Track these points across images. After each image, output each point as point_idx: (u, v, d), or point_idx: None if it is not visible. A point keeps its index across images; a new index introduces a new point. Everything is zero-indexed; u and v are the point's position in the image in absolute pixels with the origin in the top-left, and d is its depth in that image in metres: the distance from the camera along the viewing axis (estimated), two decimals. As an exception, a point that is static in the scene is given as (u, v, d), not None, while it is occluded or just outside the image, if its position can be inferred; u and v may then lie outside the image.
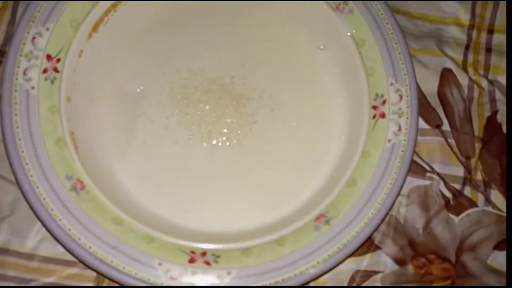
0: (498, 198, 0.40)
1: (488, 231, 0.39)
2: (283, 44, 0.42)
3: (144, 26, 0.41)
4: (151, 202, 0.36)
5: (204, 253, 0.33)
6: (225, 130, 0.39)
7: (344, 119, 0.40)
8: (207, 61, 0.41)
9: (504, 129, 0.42)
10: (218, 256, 0.33)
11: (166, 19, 0.41)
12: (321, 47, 0.42)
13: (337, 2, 0.40)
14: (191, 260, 0.33)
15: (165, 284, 0.31)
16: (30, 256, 0.35)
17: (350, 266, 0.38)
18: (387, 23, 0.40)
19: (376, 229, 0.35)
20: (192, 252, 0.33)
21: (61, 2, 0.36)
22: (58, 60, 0.36)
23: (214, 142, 0.39)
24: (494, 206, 0.40)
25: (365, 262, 0.38)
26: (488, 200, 0.40)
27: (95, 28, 0.39)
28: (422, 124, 0.42)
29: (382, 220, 0.36)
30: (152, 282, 0.31)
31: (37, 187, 0.32)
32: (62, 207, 0.32)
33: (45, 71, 0.35)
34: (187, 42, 0.41)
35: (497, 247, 0.39)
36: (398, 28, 0.40)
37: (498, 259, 0.38)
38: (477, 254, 0.39)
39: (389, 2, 0.45)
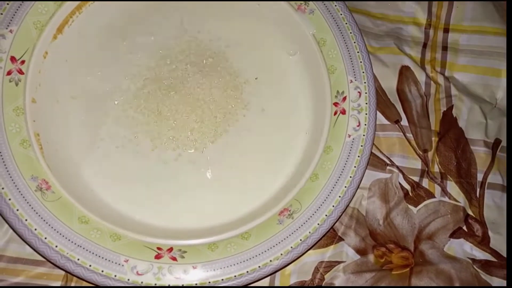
0: (453, 188, 0.42)
1: (445, 221, 0.41)
2: (255, 47, 0.43)
3: (109, 26, 0.41)
4: (117, 201, 0.37)
5: (170, 249, 0.34)
6: (192, 130, 0.40)
7: (308, 116, 0.41)
8: (174, 62, 0.41)
9: (460, 123, 0.44)
10: (185, 252, 0.34)
11: (132, 19, 0.42)
12: (291, 52, 0.43)
13: (298, 3, 0.42)
14: (158, 256, 0.34)
15: (131, 280, 0.32)
16: (-3, 257, 0.36)
17: (315, 257, 0.39)
18: (346, 23, 0.41)
19: (337, 220, 0.37)
20: (159, 249, 0.34)
21: (24, 4, 0.36)
22: (23, 62, 0.36)
23: (181, 140, 0.39)
24: (450, 196, 0.42)
25: (329, 253, 0.40)
26: (444, 191, 0.42)
27: (60, 29, 0.39)
28: (382, 119, 0.44)
29: (343, 212, 0.37)
30: (118, 278, 0.32)
31: (2, 188, 0.33)
32: (28, 207, 0.33)
33: (9, 73, 0.36)
34: (153, 43, 0.41)
35: (453, 235, 0.41)
36: (357, 27, 0.41)
37: (454, 246, 0.41)
38: (434, 242, 0.41)
39: (350, 2, 0.46)
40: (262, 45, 0.43)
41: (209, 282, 0.33)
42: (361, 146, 0.38)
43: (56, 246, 0.32)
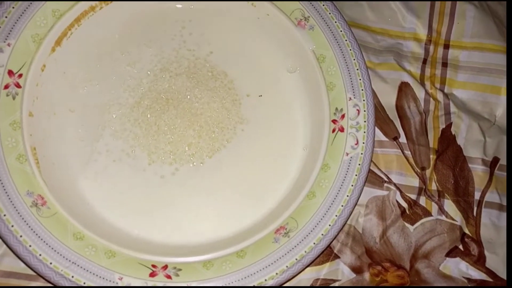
0: (451, 207, 0.42)
1: (441, 239, 0.41)
2: (255, 63, 0.43)
3: (108, 39, 0.41)
4: (113, 215, 0.37)
5: (165, 267, 0.34)
6: (190, 145, 0.40)
7: (306, 132, 0.41)
8: (173, 75, 0.41)
9: (458, 141, 0.44)
10: (179, 269, 0.34)
11: (130, 31, 0.42)
12: (291, 69, 0.43)
13: (298, 19, 0.41)
14: (152, 274, 0.33)
15: (125, 299, 0.32)
16: (-9, 271, 0.36)
17: (311, 275, 0.39)
18: (346, 40, 0.41)
19: (333, 239, 0.37)
20: (153, 266, 0.34)
21: (23, 17, 0.36)
22: (20, 76, 0.36)
23: (178, 155, 0.39)
24: (447, 215, 0.42)
25: (324, 270, 0.39)
26: (441, 210, 0.42)
27: (58, 42, 0.39)
28: (381, 136, 0.44)
29: (339, 231, 0.37)
30: (112, 296, 0.32)
31: (-2, 204, 0.33)
32: (22, 223, 0.33)
33: (6, 86, 0.35)
34: (152, 56, 0.41)
35: (449, 254, 0.41)
36: (357, 44, 0.41)
37: (449, 265, 0.40)
38: (430, 261, 0.40)
39: (351, 17, 0.46)
40: (261, 60, 0.43)
41: (204, 301, 0.33)
42: (359, 164, 0.38)
43: (51, 263, 0.32)
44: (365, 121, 0.39)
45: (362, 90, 0.40)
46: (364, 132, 0.39)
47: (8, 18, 0.36)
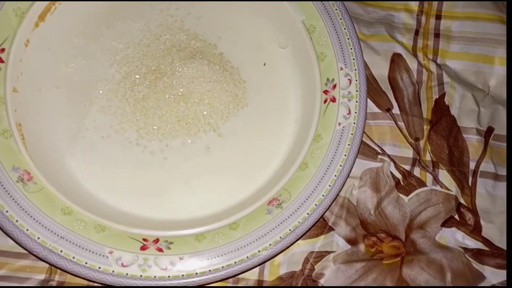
0: (445, 177, 0.42)
1: (436, 209, 0.41)
2: (245, 36, 0.42)
3: (93, 14, 0.40)
4: (101, 192, 0.36)
5: (156, 240, 0.33)
6: (179, 120, 0.39)
7: (298, 104, 0.41)
8: (160, 49, 0.40)
9: (452, 111, 0.44)
10: (171, 243, 0.34)
11: (115, 5, 0.41)
12: (283, 44, 0.42)
13: (287, -11, 0.41)
14: (143, 248, 0.33)
15: (115, 272, 0.31)
16: (-21, 250, 0.35)
17: (305, 247, 0.39)
18: (336, 9, 0.40)
19: (326, 210, 0.36)
20: (144, 240, 0.33)
21: (3, -10, 0.36)
22: (3, 50, 0.35)
23: (168, 130, 0.39)
24: (442, 185, 0.41)
25: (319, 243, 0.39)
26: (436, 180, 0.42)
27: (42, 17, 0.38)
28: (373, 107, 0.43)
29: (332, 201, 0.36)
30: (102, 270, 0.31)
31: (-18, 179, 0.32)
32: (8, 198, 0.32)
33: (-12, 61, 0.35)
34: (138, 30, 0.41)
35: (445, 224, 0.40)
36: (347, 14, 0.40)
37: (445, 235, 0.40)
38: (426, 231, 0.40)
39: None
40: (252, 34, 0.42)
41: (196, 274, 0.33)
42: (352, 134, 0.38)
43: (38, 238, 0.32)
44: (357, 91, 0.39)
45: (354, 59, 0.40)
46: (356, 101, 0.39)
47: (-12, -9, 0.35)
